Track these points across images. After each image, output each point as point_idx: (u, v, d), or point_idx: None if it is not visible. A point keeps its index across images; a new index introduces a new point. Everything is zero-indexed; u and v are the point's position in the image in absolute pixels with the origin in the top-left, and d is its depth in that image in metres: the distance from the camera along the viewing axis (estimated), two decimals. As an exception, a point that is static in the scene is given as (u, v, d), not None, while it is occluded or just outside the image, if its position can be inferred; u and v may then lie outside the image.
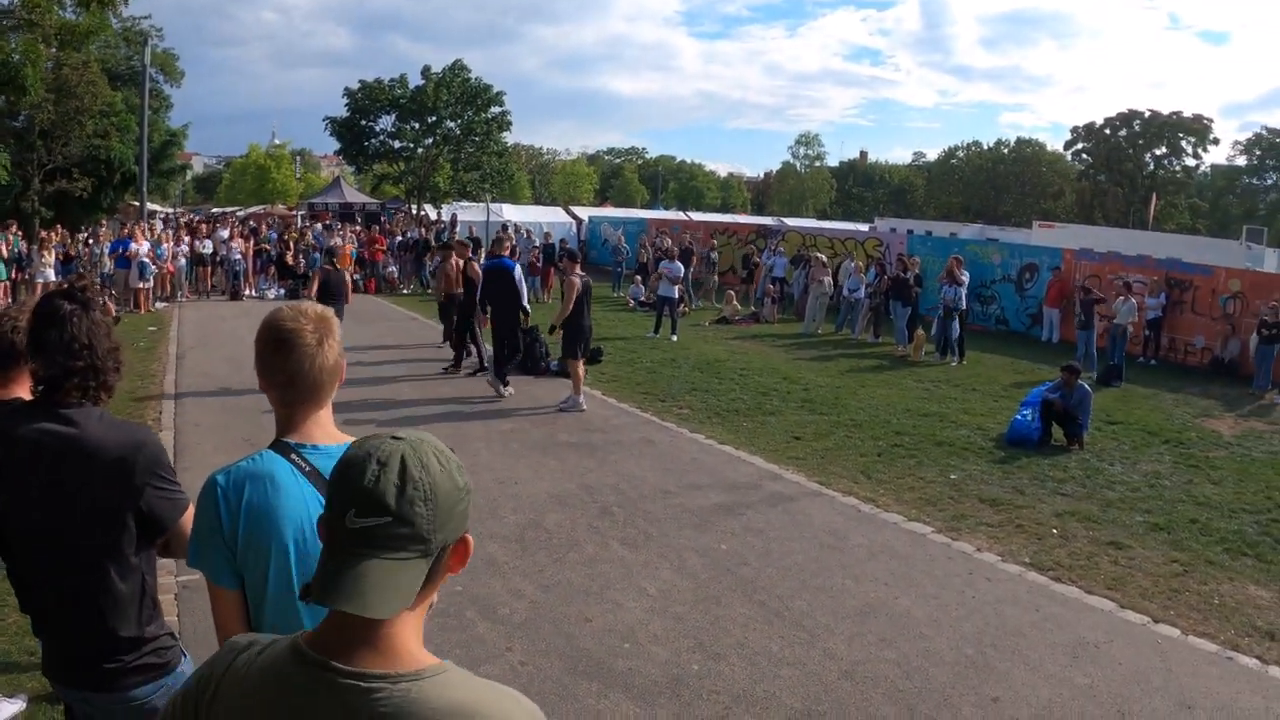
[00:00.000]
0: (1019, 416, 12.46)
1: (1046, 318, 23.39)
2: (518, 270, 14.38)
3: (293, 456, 2.46)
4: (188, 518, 2.90)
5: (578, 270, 13.62)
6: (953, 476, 10.54)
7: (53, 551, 2.96)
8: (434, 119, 45.05)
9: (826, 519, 8.88)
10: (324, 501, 1.54)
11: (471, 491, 1.59)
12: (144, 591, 3.00)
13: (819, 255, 25.14)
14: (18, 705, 5.12)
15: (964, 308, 19.49)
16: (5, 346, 3.62)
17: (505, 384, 13.99)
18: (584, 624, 6.43)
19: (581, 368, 13.41)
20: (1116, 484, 10.61)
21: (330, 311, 2.61)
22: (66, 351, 2.90)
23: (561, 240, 31.91)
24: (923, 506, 9.41)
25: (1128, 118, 78.91)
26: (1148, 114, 78.46)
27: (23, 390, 3.38)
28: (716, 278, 28.99)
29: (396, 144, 45.55)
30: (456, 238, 25.77)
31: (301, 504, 2.40)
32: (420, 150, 45.80)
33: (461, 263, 16.05)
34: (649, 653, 6.02)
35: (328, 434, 2.55)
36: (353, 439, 2.50)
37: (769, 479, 10.18)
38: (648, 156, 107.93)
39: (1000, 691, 5.74)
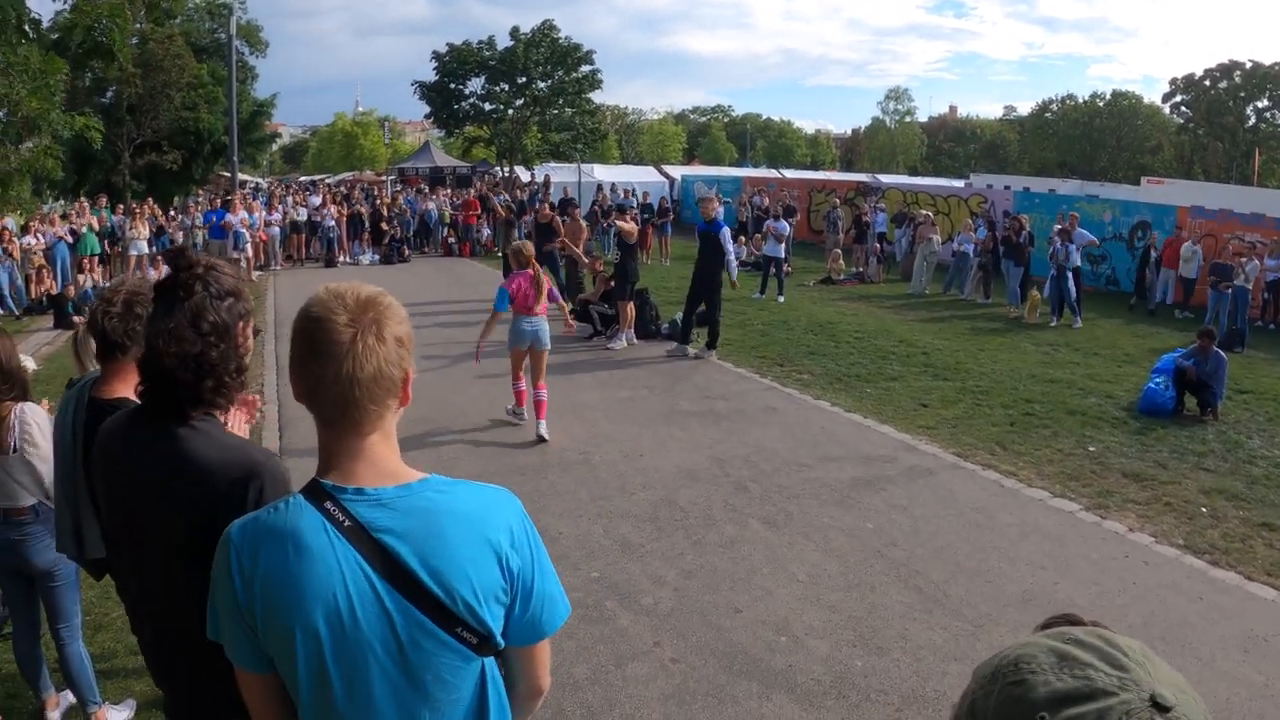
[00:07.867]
0: (1152, 384, 11.88)
1: (1161, 278, 22.46)
2: (725, 232, 14.24)
3: (327, 504, 1.83)
4: None
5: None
6: (1091, 449, 10.08)
7: (149, 592, 2.44)
8: (524, 80, 44.85)
9: (971, 494, 8.52)
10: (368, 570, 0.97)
11: None
12: None
13: (927, 213, 24.47)
14: (126, 713, 4.91)
15: (1076, 264, 18.74)
16: (98, 335, 3.22)
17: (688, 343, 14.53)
18: (734, 615, 6.14)
19: (631, 308, 15.18)
20: (1258, 459, 10.02)
21: (382, 295, 1.92)
22: (156, 349, 2.31)
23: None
24: (1065, 481, 8.98)
25: (1228, 69, 74.97)
26: (1249, 65, 74.55)
27: (128, 388, 2.94)
28: (842, 236, 27.59)
29: (487, 106, 45.45)
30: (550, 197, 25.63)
31: (335, 573, 1.79)
32: (511, 112, 45.65)
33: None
34: (807, 647, 5.74)
35: (380, 471, 1.89)
36: (424, 474, 1.94)
37: (904, 450, 9.82)
38: (734, 115, 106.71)
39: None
